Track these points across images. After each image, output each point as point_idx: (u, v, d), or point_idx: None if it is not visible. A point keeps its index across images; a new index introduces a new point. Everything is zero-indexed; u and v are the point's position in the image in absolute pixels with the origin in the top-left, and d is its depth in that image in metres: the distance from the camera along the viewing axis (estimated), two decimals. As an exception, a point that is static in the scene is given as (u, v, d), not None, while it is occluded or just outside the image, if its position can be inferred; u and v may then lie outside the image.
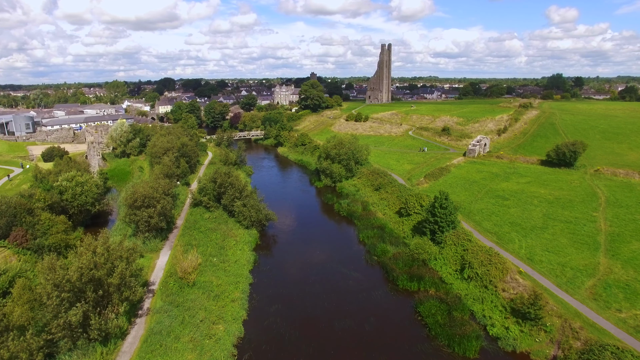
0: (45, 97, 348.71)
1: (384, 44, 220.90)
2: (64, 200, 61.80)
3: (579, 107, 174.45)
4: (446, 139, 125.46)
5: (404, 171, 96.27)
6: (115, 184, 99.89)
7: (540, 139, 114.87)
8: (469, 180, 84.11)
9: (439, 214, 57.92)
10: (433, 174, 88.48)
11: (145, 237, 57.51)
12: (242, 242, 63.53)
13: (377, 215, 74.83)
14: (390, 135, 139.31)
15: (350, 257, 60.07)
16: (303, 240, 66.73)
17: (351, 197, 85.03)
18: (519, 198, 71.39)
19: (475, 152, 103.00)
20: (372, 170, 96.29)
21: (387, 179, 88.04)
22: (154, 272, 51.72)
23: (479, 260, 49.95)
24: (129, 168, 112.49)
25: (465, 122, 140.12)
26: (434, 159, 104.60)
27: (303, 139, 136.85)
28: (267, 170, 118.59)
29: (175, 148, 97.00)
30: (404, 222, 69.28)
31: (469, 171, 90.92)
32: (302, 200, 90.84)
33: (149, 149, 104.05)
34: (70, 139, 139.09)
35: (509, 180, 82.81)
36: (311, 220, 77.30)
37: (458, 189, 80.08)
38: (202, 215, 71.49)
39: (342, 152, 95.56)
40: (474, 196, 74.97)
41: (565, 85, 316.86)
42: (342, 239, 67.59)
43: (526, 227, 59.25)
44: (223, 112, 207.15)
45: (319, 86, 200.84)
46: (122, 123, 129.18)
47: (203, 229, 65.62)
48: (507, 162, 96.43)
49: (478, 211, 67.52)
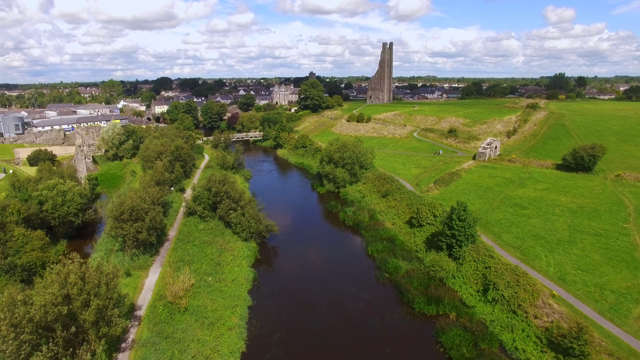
0: (40, 97, 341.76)
1: (385, 42, 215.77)
2: (44, 212, 56.26)
3: (587, 107, 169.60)
4: (453, 141, 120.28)
5: (411, 176, 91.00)
6: (106, 190, 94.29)
7: (552, 141, 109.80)
8: (482, 187, 78.89)
9: (457, 226, 52.66)
10: (443, 180, 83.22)
11: (133, 253, 52.05)
12: (240, 256, 58.11)
13: (386, 225, 69.53)
14: (394, 137, 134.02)
15: (359, 274, 54.75)
16: (307, 254, 61.37)
17: (356, 205, 79.69)
18: (538, 207, 66.22)
19: (486, 156, 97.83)
20: (377, 175, 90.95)
21: (395, 184, 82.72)
22: (142, 294, 46.28)
23: (504, 280, 44.69)
24: (121, 172, 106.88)
25: (472, 123, 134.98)
26: (442, 162, 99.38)
27: (303, 141, 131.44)
28: (267, 175, 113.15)
29: (169, 151, 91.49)
30: (416, 233, 63.99)
31: (480, 176, 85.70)
32: (304, 207, 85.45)
33: (141, 153, 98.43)
34: (60, 141, 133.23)
35: (524, 186, 77.64)
36: (315, 230, 71.91)
37: (471, 196, 74.85)
38: (196, 226, 66.05)
39: (346, 156, 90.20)
40: (490, 204, 69.76)
41: (568, 85, 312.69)
42: (349, 253, 62.25)
43: (551, 240, 54.07)
44: (220, 112, 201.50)
45: (319, 86, 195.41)
46: (114, 124, 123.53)
47: (197, 242, 60.17)
48: (520, 167, 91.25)
49: (496, 222, 62.30)
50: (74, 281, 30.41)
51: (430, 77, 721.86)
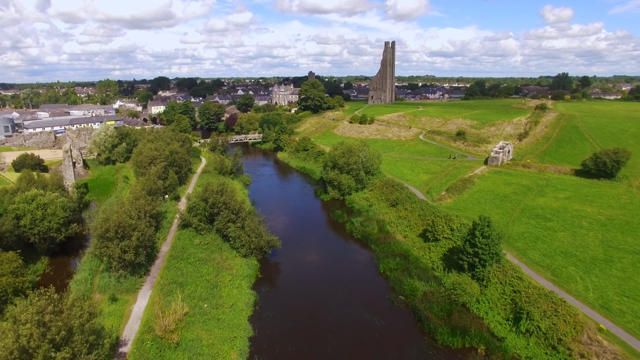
0: (35, 97, 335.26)
1: (387, 41, 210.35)
2: (22, 227, 50.74)
3: (596, 108, 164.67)
4: (462, 144, 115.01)
5: (420, 182, 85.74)
6: (97, 197, 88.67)
7: (566, 144, 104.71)
8: (499, 195, 73.68)
9: (480, 244, 47.41)
10: (456, 187, 77.96)
11: (120, 274, 46.62)
12: (239, 276, 52.71)
13: (397, 238, 64.21)
14: (399, 139, 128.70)
15: (372, 297, 49.43)
16: (312, 272, 55.99)
17: (364, 215, 74.35)
18: (563, 218, 61.04)
19: (499, 160, 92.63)
20: (385, 181, 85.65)
21: (405, 192, 77.43)
22: (129, 324, 40.86)
23: (539, 309, 39.39)
24: (113, 177, 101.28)
25: (480, 125, 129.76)
26: (453, 167, 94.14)
27: (305, 144, 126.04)
28: (267, 180, 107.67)
29: (163, 156, 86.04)
30: (431, 248, 58.70)
31: (495, 183, 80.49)
32: (308, 217, 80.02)
33: (134, 157, 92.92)
34: (50, 144, 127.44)
35: (544, 194, 72.46)
36: (320, 243, 66.49)
37: (488, 205, 69.65)
38: (191, 240, 60.63)
39: (352, 161, 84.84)
40: (509, 215, 64.53)
41: (571, 85, 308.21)
42: (359, 271, 56.88)
43: (584, 259, 48.86)
44: (218, 113, 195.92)
45: (320, 86, 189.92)
46: (107, 127, 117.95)
47: (192, 259, 54.76)
48: (536, 173, 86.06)
49: (519, 235, 57.06)
50: (28, 333, 24.78)
51: (429, 76, 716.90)
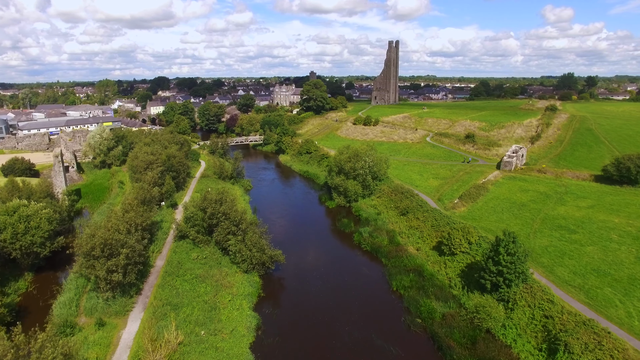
0: (34, 97, 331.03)
1: (391, 41, 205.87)
2: (2, 242, 46.39)
3: (607, 109, 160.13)
4: (471, 147, 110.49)
5: (431, 188, 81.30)
6: (90, 204, 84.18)
7: (581, 147, 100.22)
8: (516, 203, 69.21)
9: (505, 262, 42.99)
10: (470, 195, 73.49)
11: (109, 295, 42.27)
12: (240, 295, 48.28)
13: (409, 251, 59.75)
14: (405, 142, 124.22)
15: (386, 319, 45.02)
16: (319, 291, 51.53)
17: (372, 224, 69.94)
18: (589, 230, 56.59)
19: (512, 165, 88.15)
20: (393, 187, 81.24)
21: (415, 200, 72.98)
22: (116, 355, 36.56)
23: (579, 341, 34.97)
24: (108, 182, 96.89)
25: (489, 127, 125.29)
26: (464, 172, 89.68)
27: (308, 146, 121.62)
28: (268, 185, 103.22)
29: (160, 161, 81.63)
30: (447, 263, 54.26)
31: (510, 190, 76.02)
32: (313, 226, 75.51)
33: (130, 162, 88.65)
34: (44, 146, 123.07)
35: (564, 203, 67.99)
36: (327, 256, 61.98)
37: (505, 215, 65.18)
38: (188, 254, 56.28)
39: (358, 167, 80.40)
40: (529, 226, 60.07)
41: (577, 85, 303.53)
42: (370, 288, 52.40)
43: (620, 278, 44.42)
44: (218, 114, 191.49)
45: (322, 86, 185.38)
46: (102, 129, 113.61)
47: (189, 276, 50.41)
48: (553, 178, 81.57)
49: (542, 250, 52.60)
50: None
51: (430, 76, 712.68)
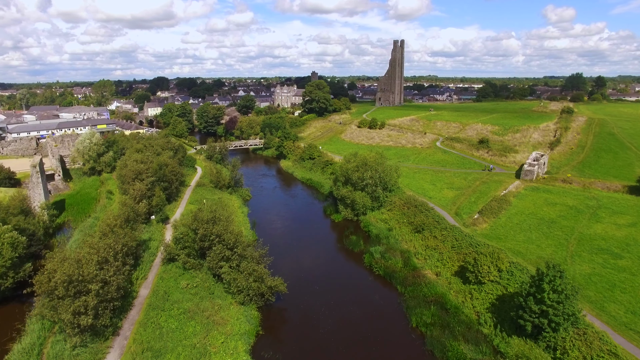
0: (32, 97, 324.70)
1: (396, 40, 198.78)
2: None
3: (625, 111, 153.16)
4: (486, 153, 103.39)
5: (446, 200, 74.31)
6: (74, 217, 77.09)
7: (606, 154, 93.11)
8: (543, 219, 62.15)
9: (550, 300, 35.99)
10: (491, 209, 66.43)
11: (76, 341, 35.37)
12: (234, 334, 41.30)
13: (428, 276, 52.70)
14: (414, 147, 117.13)
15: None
16: (326, 324, 44.51)
17: (384, 243, 62.91)
18: (637, 254, 49.59)
19: (534, 174, 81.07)
20: (405, 199, 74.23)
21: (431, 215, 65.96)
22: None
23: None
24: (97, 192, 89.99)
25: (503, 131, 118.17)
26: (480, 182, 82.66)
27: (311, 152, 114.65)
28: (269, 194, 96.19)
29: (151, 170, 74.74)
30: (473, 293, 47.22)
31: (535, 203, 68.95)
32: (317, 244, 68.36)
33: (118, 170, 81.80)
34: (32, 151, 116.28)
35: (599, 219, 60.91)
36: (334, 282, 54.72)
37: (534, 233, 58.10)
38: (177, 281, 49.40)
39: (367, 177, 73.40)
40: (564, 248, 53.03)
41: (586, 86, 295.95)
42: (386, 324, 45.32)
43: (685, 320, 37.38)
44: (217, 115, 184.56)
45: (325, 87, 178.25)
46: (92, 133, 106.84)
47: (176, 310, 43.48)
48: (581, 190, 74.49)
49: (586, 279, 45.56)
50: None
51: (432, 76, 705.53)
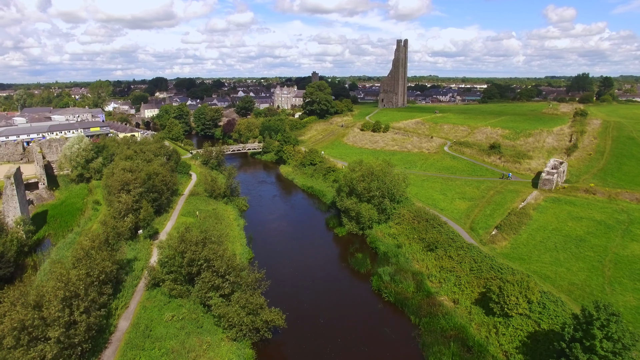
0: (29, 98, 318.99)
1: (399, 39, 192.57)
2: None
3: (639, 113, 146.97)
4: (497, 159, 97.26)
5: (458, 213, 68.35)
6: (56, 230, 71.21)
7: (628, 160, 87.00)
8: (570, 237, 56.13)
9: (604, 350, 30.06)
10: (510, 224, 60.38)
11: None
12: (224, 381, 35.45)
13: (445, 305, 46.69)
14: (421, 152, 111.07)
15: None
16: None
17: (393, 261, 56.92)
18: (681, 282, 43.61)
19: (553, 183, 75.03)
20: (415, 211, 68.24)
21: (444, 231, 59.98)
22: None
23: None
24: (82, 202, 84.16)
25: (514, 135, 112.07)
26: (495, 191, 76.67)
27: (312, 157, 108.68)
28: (267, 203, 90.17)
29: (139, 181, 68.80)
30: (499, 328, 41.19)
31: (558, 217, 62.89)
32: (320, 263, 62.05)
33: (104, 180, 75.98)
34: (18, 156, 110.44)
35: (635, 237, 54.84)
36: (339, 310, 48.51)
37: (561, 254, 52.07)
38: (161, 311, 43.51)
39: (373, 187, 67.43)
40: (599, 273, 47.01)
41: (592, 87, 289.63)
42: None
43: None
44: (215, 118, 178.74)
45: (326, 88, 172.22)
46: (80, 138, 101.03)
47: (158, 350, 37.58)
48: (607, 201, 68.42)
49: (632, 314, 39.51)
50: None
51: (433, 76, 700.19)
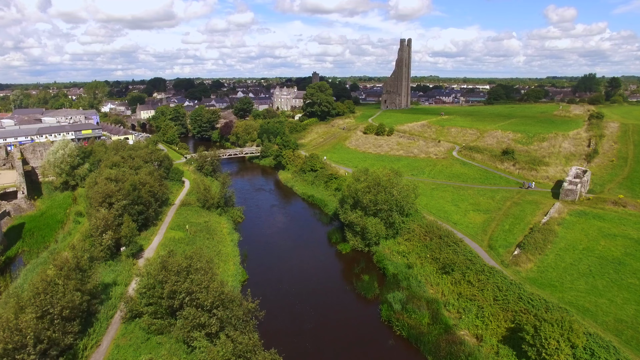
0: (26, 98, 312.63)
1: (403, 39, 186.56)
2: None
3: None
4: (511, 166, 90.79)
5: (474, 227, 62.01)
6: (30, 247, 64.37)
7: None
8: (605, 259, 49.72)
9: None
10: (535, 243, 53.85)
11: None
12: None
13: (466, 341, 40.14)
14: (428, 157, 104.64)
15: None
16: None
17: (404, 285, 50.47)
18: None
19: (576, 194, 68.67)
20: (425, 226, 61.87)
21: (460, 251, 53.55)
22: None
23: None
24: (64, 213, 77.83)
25: (527, 139, 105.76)
26: (511, 202, 70.37)
27: (313, 163, 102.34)
28: (265, 215, 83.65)
29: (123, 192, 62.41)
30: (536, 376, 34.80)
31: (587, 234, 56.45)
32: (322, 288, 55.00)
33: (86, 190, 69.66)
34: (0, 162, 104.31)
35: (676, 260, 48.48)
36: (345, 349, 41.93)
37: (599, 280, 45.67)
38: (136, 353, 37.15)
39: (381, 200, 61.01)
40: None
41: (599, 87, 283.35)
42: None
43: None
44: (212, 120, 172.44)
45: (327, 89, 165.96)
46: (65, 143, 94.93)
47: (126, 408, 31.22)
48: (639, 214, 62.02)
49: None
50: None
51: (434, 77, 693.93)
